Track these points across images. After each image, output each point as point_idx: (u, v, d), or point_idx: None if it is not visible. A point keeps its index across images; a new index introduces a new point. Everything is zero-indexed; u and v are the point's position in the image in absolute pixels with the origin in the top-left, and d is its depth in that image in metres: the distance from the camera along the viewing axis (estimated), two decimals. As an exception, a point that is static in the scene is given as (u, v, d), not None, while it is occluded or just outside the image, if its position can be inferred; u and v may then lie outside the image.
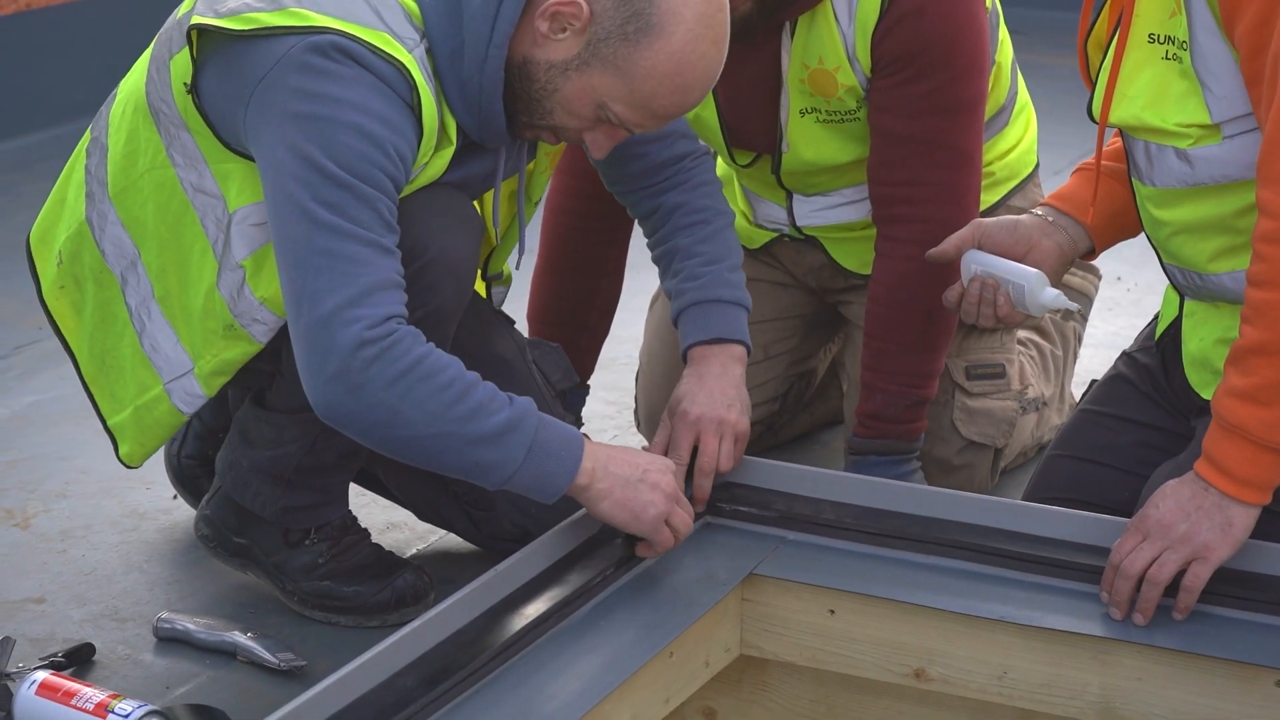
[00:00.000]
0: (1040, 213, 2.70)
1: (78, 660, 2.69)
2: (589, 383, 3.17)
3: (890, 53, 2.88)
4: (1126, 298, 4.20)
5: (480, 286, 2.90)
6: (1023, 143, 3.27)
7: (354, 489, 2.92)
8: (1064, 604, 2.38)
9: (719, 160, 3.32)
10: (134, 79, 2.68)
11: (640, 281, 3.38)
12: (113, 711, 2.43)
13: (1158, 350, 2.70)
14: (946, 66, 2.90)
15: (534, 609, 2.32)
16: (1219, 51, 2.35)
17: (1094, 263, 3.15)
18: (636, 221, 2.90)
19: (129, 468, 2.79)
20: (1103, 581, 2.36)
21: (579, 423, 2.96)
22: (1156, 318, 2.77)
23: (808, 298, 3.34)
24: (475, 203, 2.71)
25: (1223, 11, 2.32)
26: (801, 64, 2.93)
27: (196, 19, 2.48)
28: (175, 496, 3.18)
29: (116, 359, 2.69)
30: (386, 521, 3.11)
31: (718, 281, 2.73)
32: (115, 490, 3.27)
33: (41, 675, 2.50)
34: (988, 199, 3.16)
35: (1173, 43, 2.40)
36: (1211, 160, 2.41)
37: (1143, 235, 2.68)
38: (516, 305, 2.91)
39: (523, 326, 3.08)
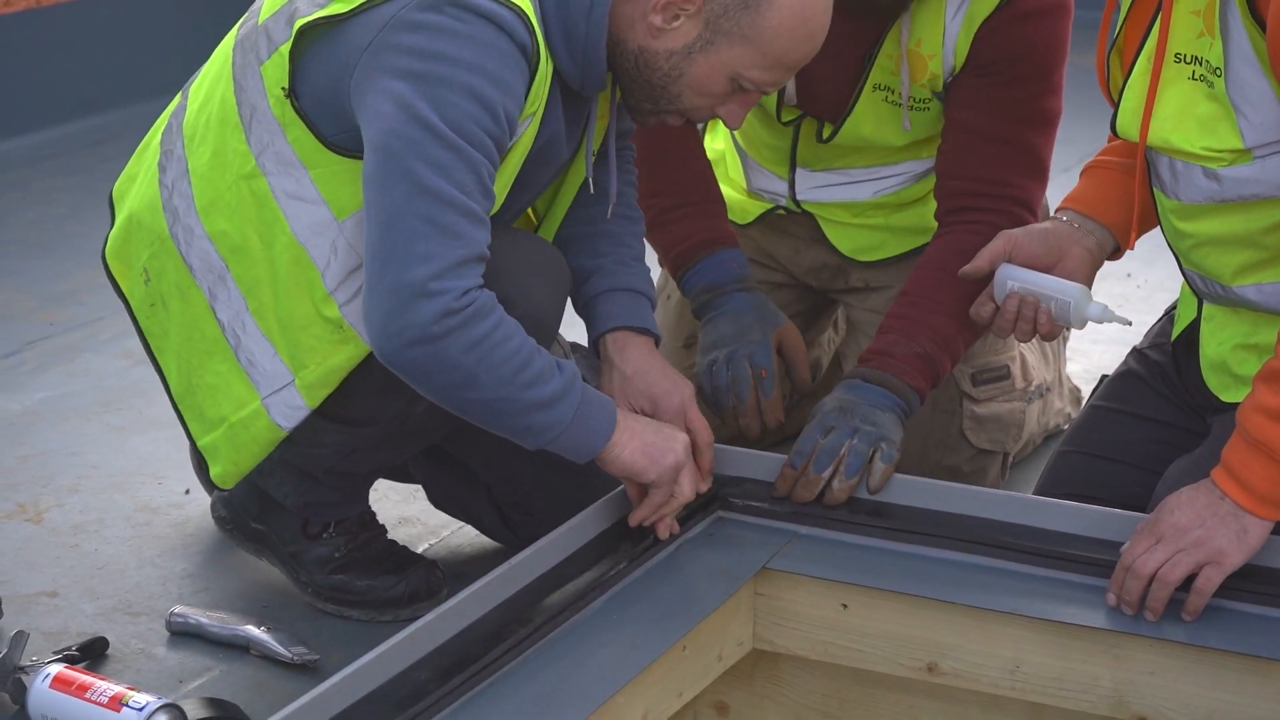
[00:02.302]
0: (1065, 218, 2.66)
1: (91, 654, 2.69)
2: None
3: (991, 51, 2.86)
4: (1136, 294, 4.20)
5: None
6: None
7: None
8: (1076, 598, 2.39)
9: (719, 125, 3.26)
10: (211, 91, 2.62)
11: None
12: (127, 705, 2.43)
13: (1172, 350, 2.70)
14: (1043, 77, 2.88)
15: (547, 603, 2.33)
16: (1257, 82, 2.33)
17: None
18: None
19: (221, 490, 2.75)
20: (1112, 583, 2.36)
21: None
22: (1168, 315, 2.77)
23: (804, 293, 3.32)
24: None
25: (1271, 51, 2.29)
26: (896, 42, 2.90)
27: (300, 21, 2.46)
28: (188, 491, 3.18)
29: (206, 377, 2.64)
30: (399, 516, 3.12)
31: (645, 278, 2.75)
32: (127, 485, 3.27)
33: (55, 669, 2.50)
34: None
35: (1200, 64, 2.37)
36: (1241, 180, 2.39)
37: (1154, 232, 2.68)
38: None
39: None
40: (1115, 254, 2.68)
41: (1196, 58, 2.37)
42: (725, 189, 3.24)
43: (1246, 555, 2.32)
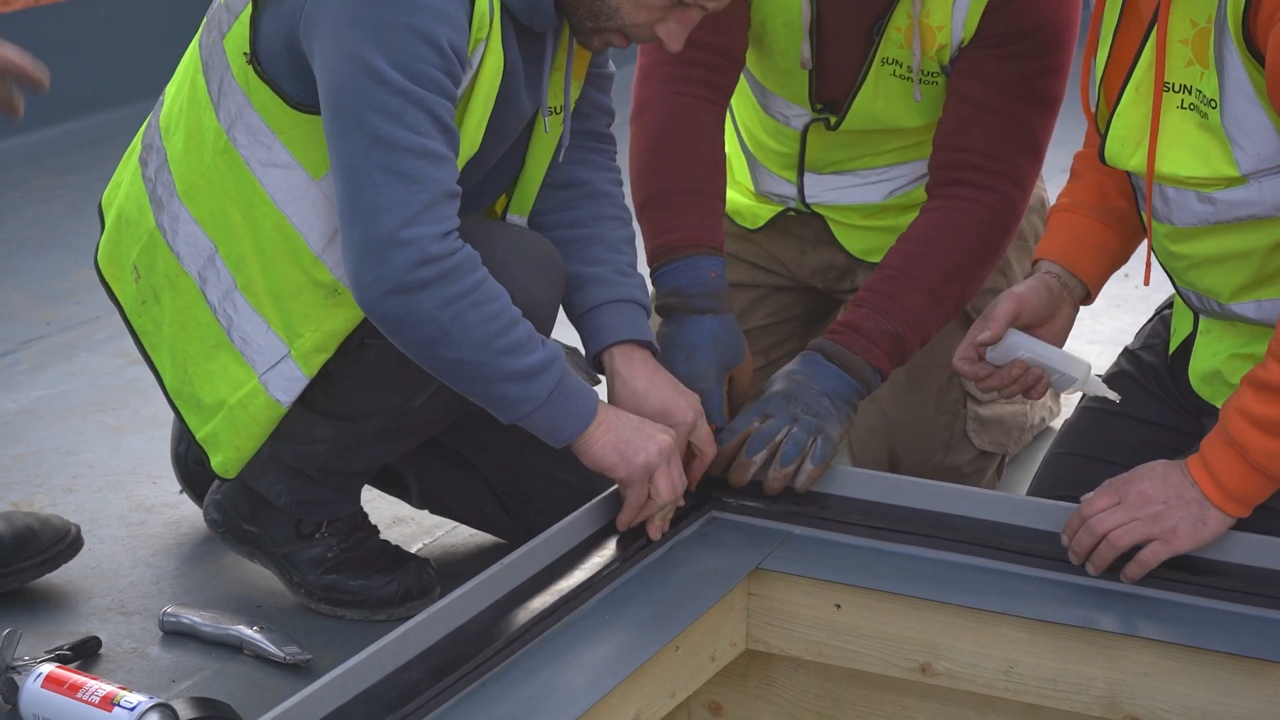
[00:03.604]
0: (1054, 273, 2.62)
1: (84, 653, 2.69)
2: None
3: (1000, 25, 2.83)
4: (1134, 294, 4.19)
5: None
6: None
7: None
8: (1070, 598, 2.38)
9: (738, 125, 3.25)
10: (182, 80, 2.65)
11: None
12: (118, 704, 2.43)
13: (1169, 362, 2.69)
14: (1048, 55, 2.85)
15: (540, 603, 2.32)
16: (1254, 115, 2.32)
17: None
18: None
19: (224, 480, 2.75)
20: (1066, 526, 2.41)
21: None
22: (1159, 315, 2.77)
23: (805, 295, 3.31)
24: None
25: (1270, 85, 2.27)
26: (907, 14, 2.87)
27: None
28: (181, 491, 3.18)
29: (201, 364, 2.64)
30: (393, 516, 3.11)
31: (643, 288, 2.73)
32: (122, 484, 3.27)
33: (47, 668, 2.50)
34: None
35: (1189, 92, 2.36)
36: (1236, 202, 2.39)
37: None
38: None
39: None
40: (1086, 300, 2.67)
41: (1185, 86, 2.37)
42: (733, 193, 3.22)
43: (1198, 545, 2.36)
